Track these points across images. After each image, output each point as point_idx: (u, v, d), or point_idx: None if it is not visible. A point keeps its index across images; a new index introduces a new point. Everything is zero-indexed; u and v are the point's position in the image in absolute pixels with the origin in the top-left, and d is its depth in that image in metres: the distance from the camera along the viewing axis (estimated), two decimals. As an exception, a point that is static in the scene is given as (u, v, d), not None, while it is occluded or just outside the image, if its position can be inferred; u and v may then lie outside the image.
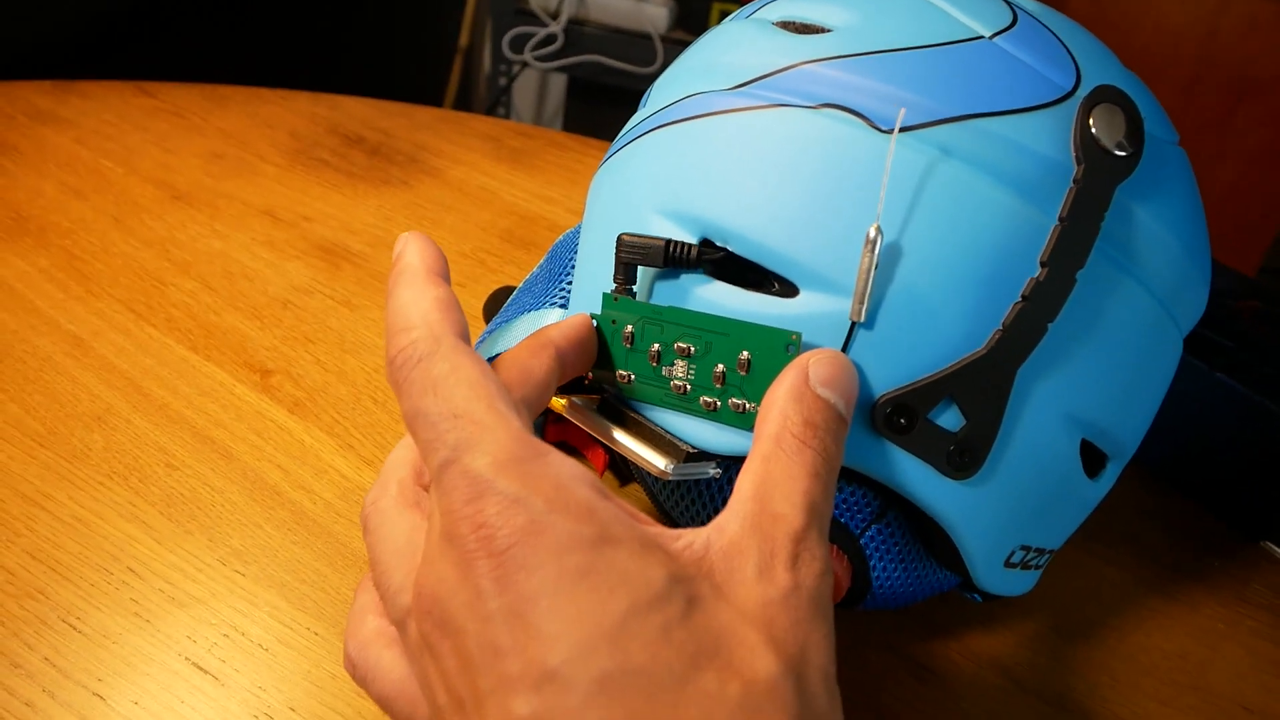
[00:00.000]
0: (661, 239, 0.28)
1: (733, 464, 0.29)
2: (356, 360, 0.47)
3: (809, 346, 0.26)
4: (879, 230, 0.25)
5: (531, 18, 1.49)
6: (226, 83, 0.70)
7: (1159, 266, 0.29)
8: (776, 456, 0.23)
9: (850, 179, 0.26)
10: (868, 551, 0.31)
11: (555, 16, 1.48)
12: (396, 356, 0.22)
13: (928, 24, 0.28)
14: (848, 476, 0.29)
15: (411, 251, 0.24)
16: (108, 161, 0.60)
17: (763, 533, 0.21)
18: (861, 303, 0.25)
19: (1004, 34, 0.28)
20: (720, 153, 0.28)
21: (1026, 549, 0.31)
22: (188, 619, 0.34)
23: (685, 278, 0.28)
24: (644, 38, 1.46)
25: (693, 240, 0.28)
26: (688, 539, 0.21)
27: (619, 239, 0.28)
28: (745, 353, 0.26)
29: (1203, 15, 0.89)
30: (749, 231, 0.27)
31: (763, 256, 0.27)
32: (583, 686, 0.18)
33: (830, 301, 0.26)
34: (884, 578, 0.31)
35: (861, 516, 0.30)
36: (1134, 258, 0.28)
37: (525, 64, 1.51)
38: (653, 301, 0.29)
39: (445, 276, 0.24)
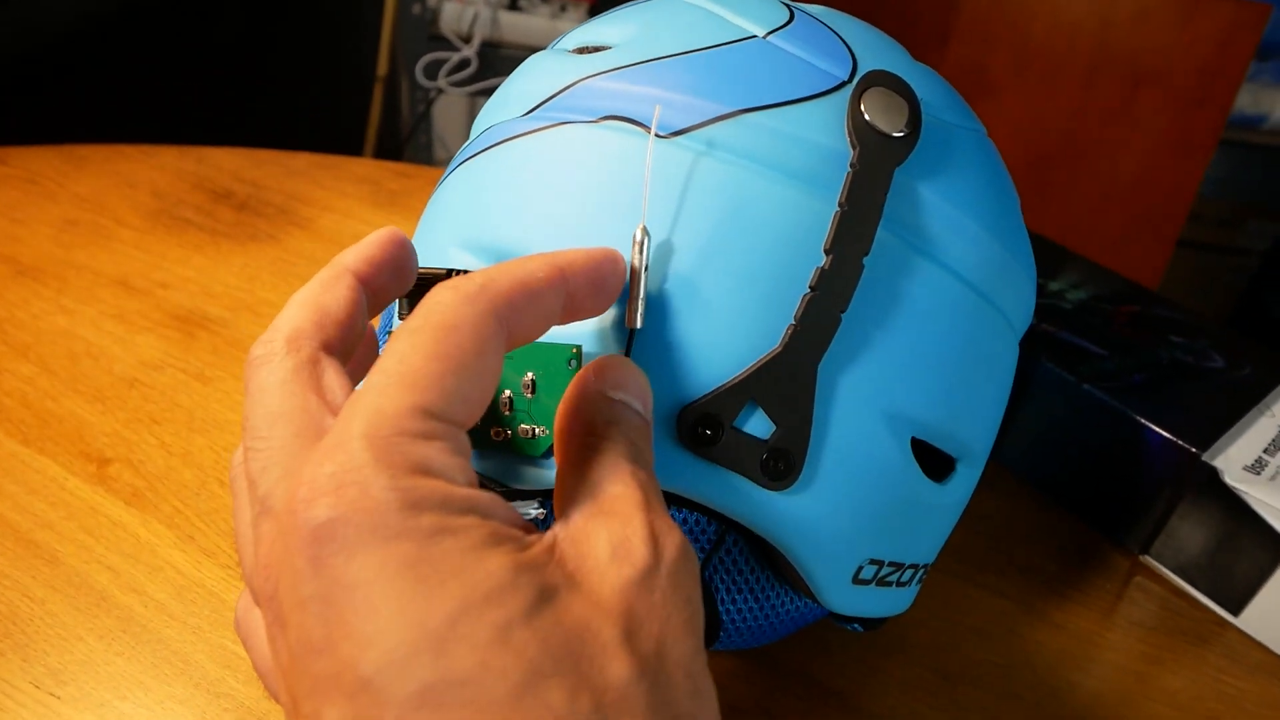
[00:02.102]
0: (443, 269, 0.26)
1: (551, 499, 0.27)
2: (205, 439, 0.44)
3: (595, 357, 0.24)
4: (645, 231, 0.24)
5: (444, 43, 1.46)
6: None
7: (960, 249, 0.28)
8: (586, 457, 0.21)
9: (630, 187, 0.26)
10: (713, 584, 0.29)
11: (468, 40, 1.45)
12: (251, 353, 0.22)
13: (702, 29, 0.28)
14: (676, 502, 0.27)
15: (352, 249, 0.24)
16: (-50, 237, 0.57)
17: (606, 513, 0.20)
18: (636, 308, 0.24)
19: (778, 32, 0.28)
20: (508, 178, 0.27)
21: (877, 563, 0.29)
22: (-10, 756, 0.31)
23: None
24: (560, 56, 1.44)
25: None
26: (537, 535, 0.19)
27: None
28: (530, 374, 0.25)
29: (1096, 7, 0.89)
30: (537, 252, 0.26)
31: None
32: (399, 700, 0.16)
33: (618, 312, 0.25)
34: (734, 611, 0.30)
35: (699, 546, 0.29)
36: (930, 240, 0.27)
37: (440, 90, 1.49)
38: None
39: (377, 273, 0.23)
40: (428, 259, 0.29)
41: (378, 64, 1.56)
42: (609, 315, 0.25)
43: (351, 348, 0.23)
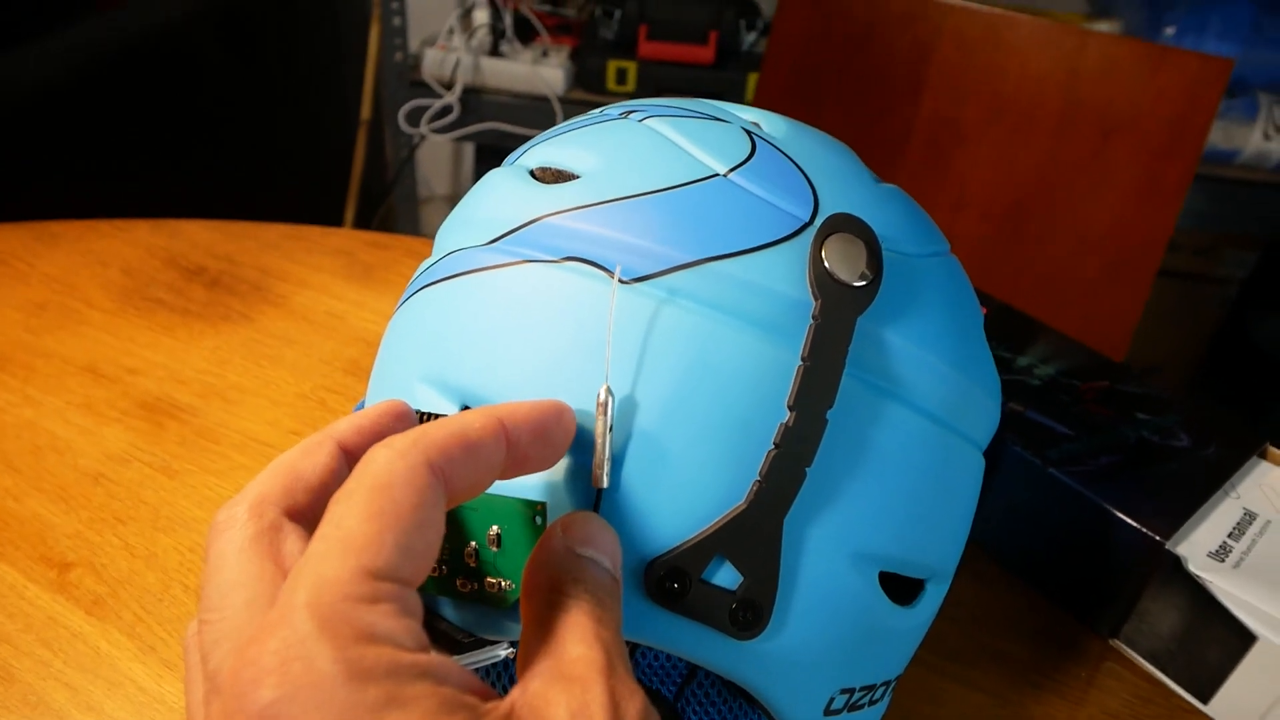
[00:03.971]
0: (414, 412, 0.26)
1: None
2: (170, 540, 0.44)
3: (560, 513, 0.24)
4: (609, 391, 0.24)
5: (426, 89, 1.47)
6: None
7: (925, 386, 0.27)
8: (549, 615, 0.21)
9: (591, 333, 0.25)
10: (685, 716, 0.29)
11: (449, 87, 1.46)
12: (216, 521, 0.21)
13: (665, 165, 0.28)
14: (645, 644, 0.27)
15: (346, 418, 0.23)
16: (-82, 324, 0.56)
17: (566, 677, 0.19)
18: (602, 468, 0.24)
19: (740, 169, 0.28)
20: (470, 315, 0.27)
21: (849, 691, 0.29)
22: None
23: None
24: (542, 100, 1.45)
25: (453, 410, 0.26)
26: (495, 700, 0.19)
27: None
28: (495, 527, 0.24)
29: (1064, 58, 0.91)
30: (499, 397, 0.26)
31: None
32: None
33: (584, 468, 0.25)
34: None
35: (672, 680, 0.29)
36: (894, 380, 0.27)
37: (423, 137, 1.49)
38: None
39: (364, 441, 0.23)
40: (391, 390, 0.29)
41: (361, 109, 1.57)
42: (574, 471, 0.25)
43: (318, 511, 0.22)
